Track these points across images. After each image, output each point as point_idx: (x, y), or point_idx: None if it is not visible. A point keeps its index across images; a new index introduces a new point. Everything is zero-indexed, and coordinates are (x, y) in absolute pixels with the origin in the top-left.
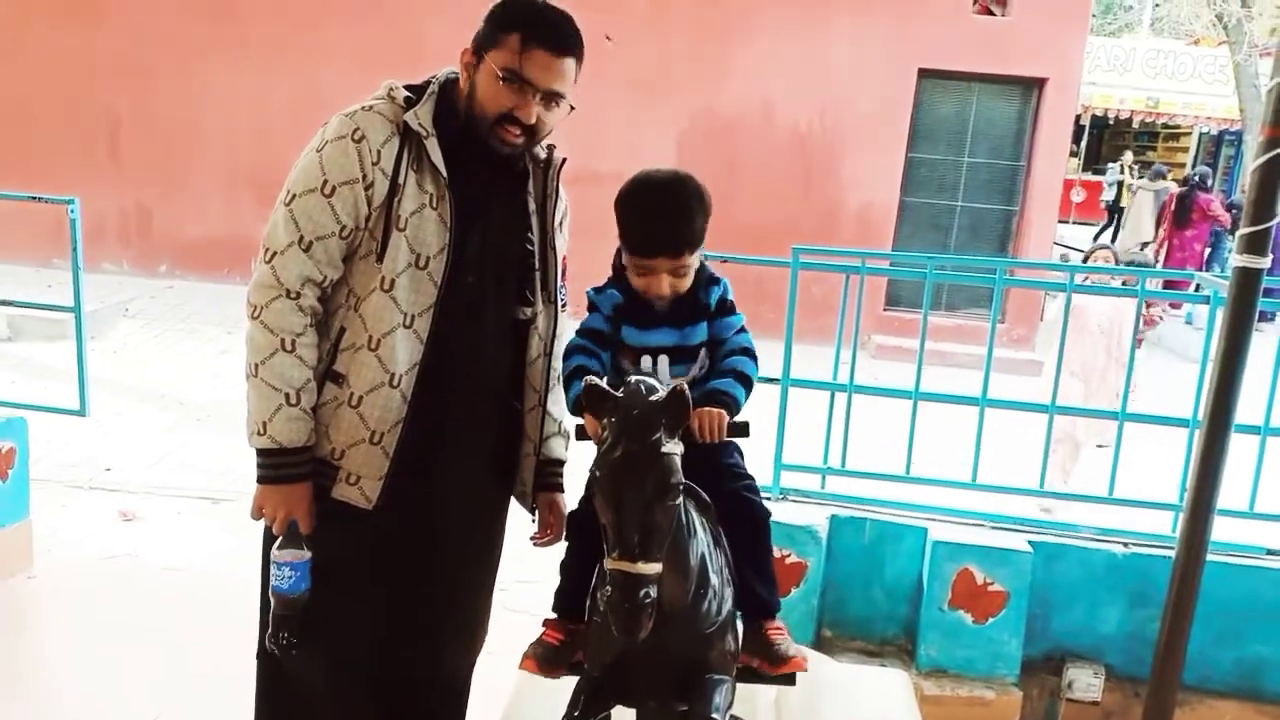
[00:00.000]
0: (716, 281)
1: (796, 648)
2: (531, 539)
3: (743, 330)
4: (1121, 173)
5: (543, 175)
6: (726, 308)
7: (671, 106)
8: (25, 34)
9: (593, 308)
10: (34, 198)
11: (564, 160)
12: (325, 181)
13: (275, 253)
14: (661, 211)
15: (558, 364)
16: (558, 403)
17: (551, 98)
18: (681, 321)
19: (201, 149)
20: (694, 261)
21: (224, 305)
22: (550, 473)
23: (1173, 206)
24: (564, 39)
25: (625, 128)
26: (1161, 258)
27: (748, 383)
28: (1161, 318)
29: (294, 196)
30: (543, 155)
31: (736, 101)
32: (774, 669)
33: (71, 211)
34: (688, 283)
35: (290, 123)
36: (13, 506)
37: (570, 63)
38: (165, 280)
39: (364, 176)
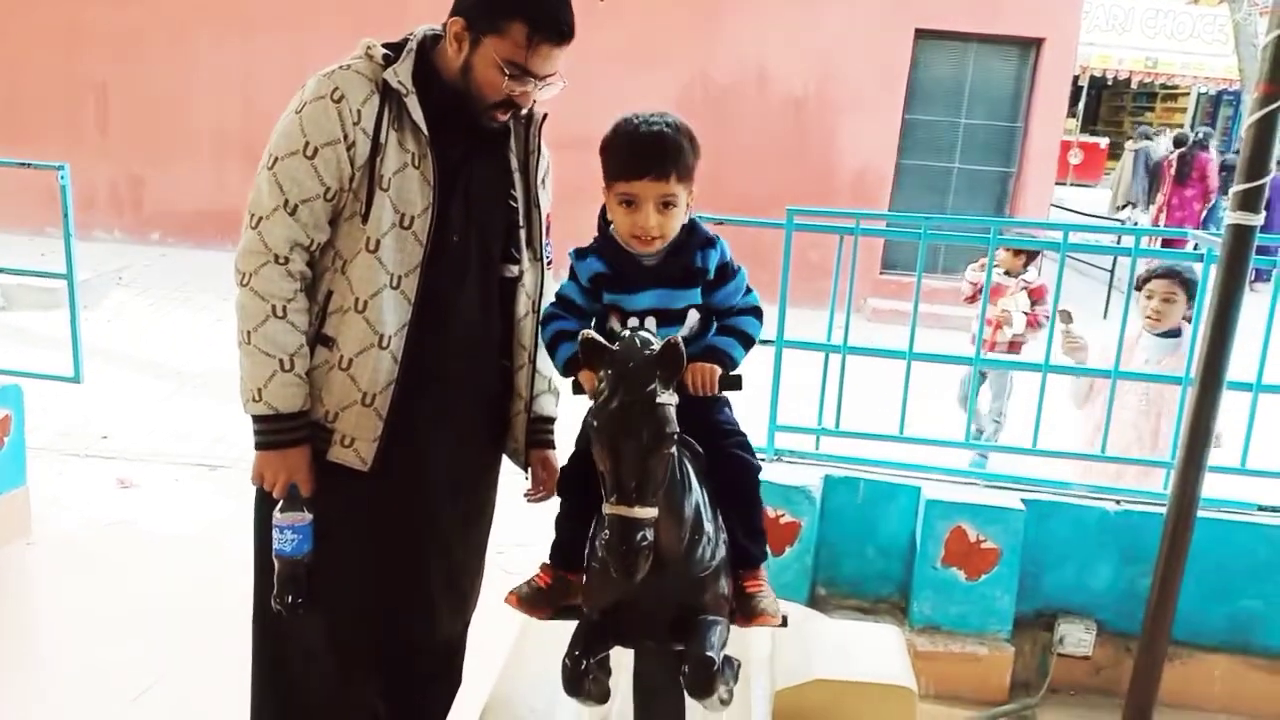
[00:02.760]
0: (713, 243)
1: (772, 602)
2: (525, 495)
3: (749, 291)
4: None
5: (524, 132)
6: (728, 272)
7: (665, 72)
8: (10, 4)
9: (572, 274)
10: (24, 164)
11: (545, 116)
12: (307, 143)
13: (261, 218)
14: (650, 134)
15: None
16: (548, 360)
17: (548, 76)
18: (670, 283)
19: (190, 117)
20: (681, 199)
21: (217, 273)
22: (541, 429)
23: (1174, 166)
24: (569, 27)
25: (618, 94)
26: (1163, 219)
27: (748, 341)
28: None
29: (276, 160)
30: (524, 110)
31: (730, 67)
32: (746, 622)
33: (62, 178)
34: (674, 225)
35: (278, 89)
36: (9, 473)
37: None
38: (158, 248)
39: (345, 136)
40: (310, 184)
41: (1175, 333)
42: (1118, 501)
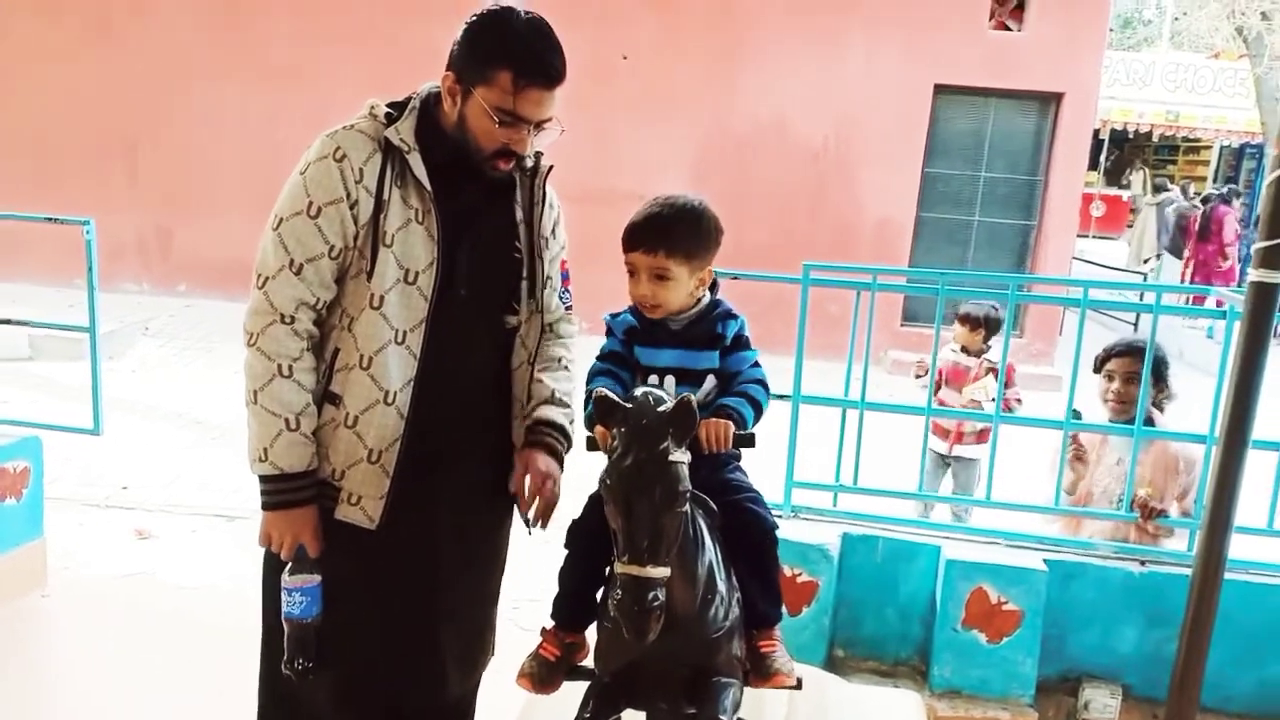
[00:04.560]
0: (734, 317)
1: (787, 662)
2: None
3: (757, 365)
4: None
5: (529, 183)
6: (741, 343)
7: (685, 125)
8: (42, 60)
9: (609, 332)
10: (50, 219)
11: (550, 167)
12: (310, 203)
13: (267, 278)
14: (650, 213)
15: (544, 374)
16: (555, 379)
17: (544, 123)
18: (691, 345)
19: (218, 170)
20: (677, 274)
21: (242, 324)
22: (539, 430)
23: (1197, 222)
24: (555, 71)
25: (638, 147)
26: (1189, 274)
27: (758, 407)
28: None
29: (281, 220)
30: (529, 162)
31: (750, 119)
32: (761, 682)
33: (87, 232)
34: (670, 296)
35: (304, 141)
36: (27, 525)
37: (560, 87)
38: (184, 300)
39: (348, 195)
40: (314, 243)
41: (1147, 422)
42: (1142, 563)
